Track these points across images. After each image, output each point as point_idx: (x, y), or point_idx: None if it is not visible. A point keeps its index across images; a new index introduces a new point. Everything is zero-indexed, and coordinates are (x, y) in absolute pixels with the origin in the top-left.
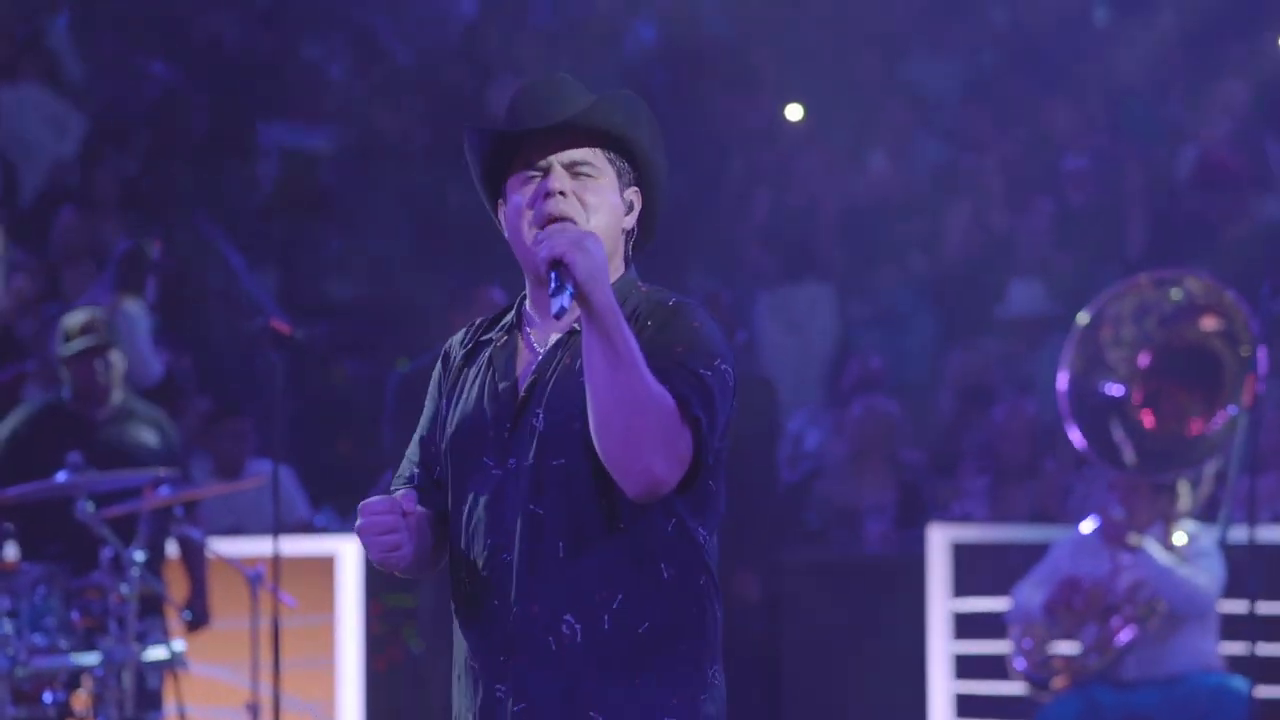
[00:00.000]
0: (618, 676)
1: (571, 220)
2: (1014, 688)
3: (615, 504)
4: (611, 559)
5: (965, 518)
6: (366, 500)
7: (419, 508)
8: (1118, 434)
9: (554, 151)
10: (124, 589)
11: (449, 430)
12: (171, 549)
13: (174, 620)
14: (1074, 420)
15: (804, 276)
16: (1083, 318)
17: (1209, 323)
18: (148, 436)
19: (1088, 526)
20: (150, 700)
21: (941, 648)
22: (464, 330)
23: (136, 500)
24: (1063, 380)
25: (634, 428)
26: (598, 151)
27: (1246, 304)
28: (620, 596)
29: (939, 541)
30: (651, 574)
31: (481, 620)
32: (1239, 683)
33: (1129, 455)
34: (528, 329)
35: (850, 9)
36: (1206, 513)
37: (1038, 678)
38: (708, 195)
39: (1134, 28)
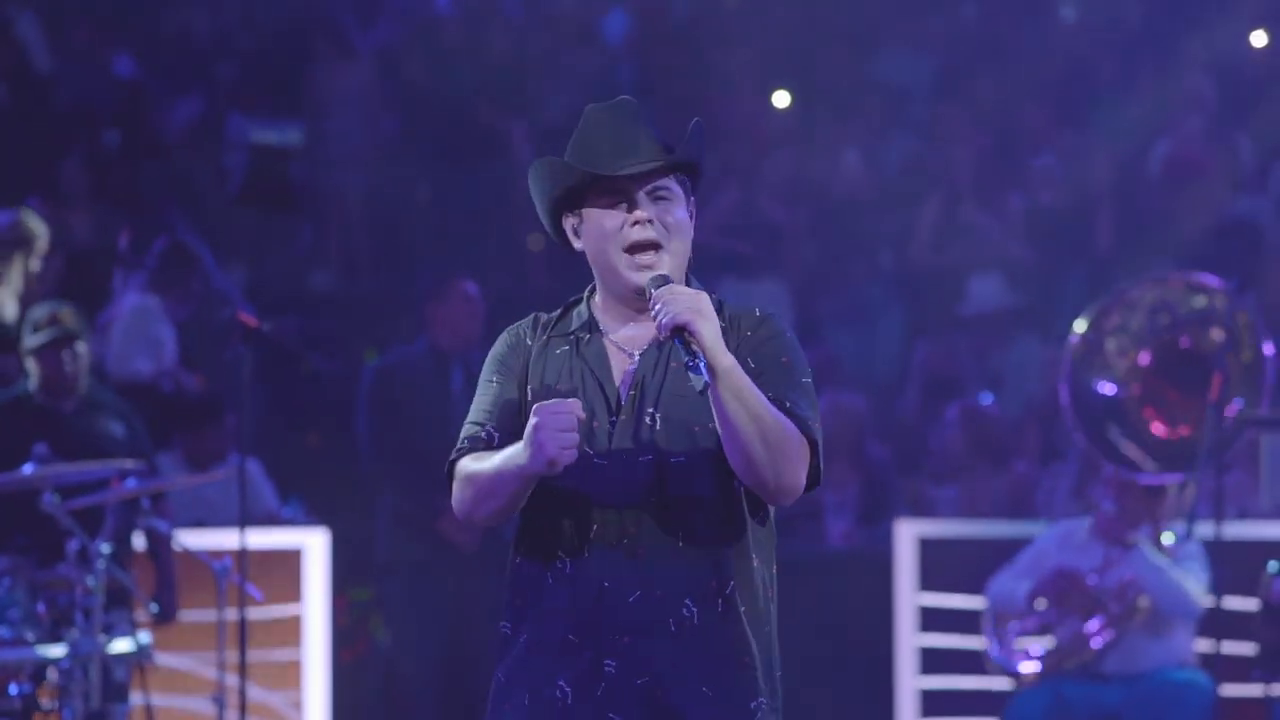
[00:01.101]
0: (727, 656)
1: (659, 244)
2: (981, 682)
3: (726, 498)
4: (723, 550)
5: (931, 513)
6: (543, 403)
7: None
8: (1117, 434)
9: (637, 180)
10: (90, 581)
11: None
12: (138, 541)
13: (141, 613)
14: (1078, 420)
15: (762, 273)
16: (1078, 324)
17: (1217, 335)
18: (115, 428)
19: (1077, 521)
20: (117, 692)
21: (909, 642)
22: (529, 322)
23: (103, 492)
24: (1064, 389)
25: (774, 460)
26: (672, 176)
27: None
28: (732, 584)
29: (906, 536)
30: (749, 564)
31: (589, 599)
32: (1205, 678)
33: (1135, 455)
34: (609, 333)
35: (821, 4)
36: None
37: (1013, 668)
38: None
39: (1101, 23)
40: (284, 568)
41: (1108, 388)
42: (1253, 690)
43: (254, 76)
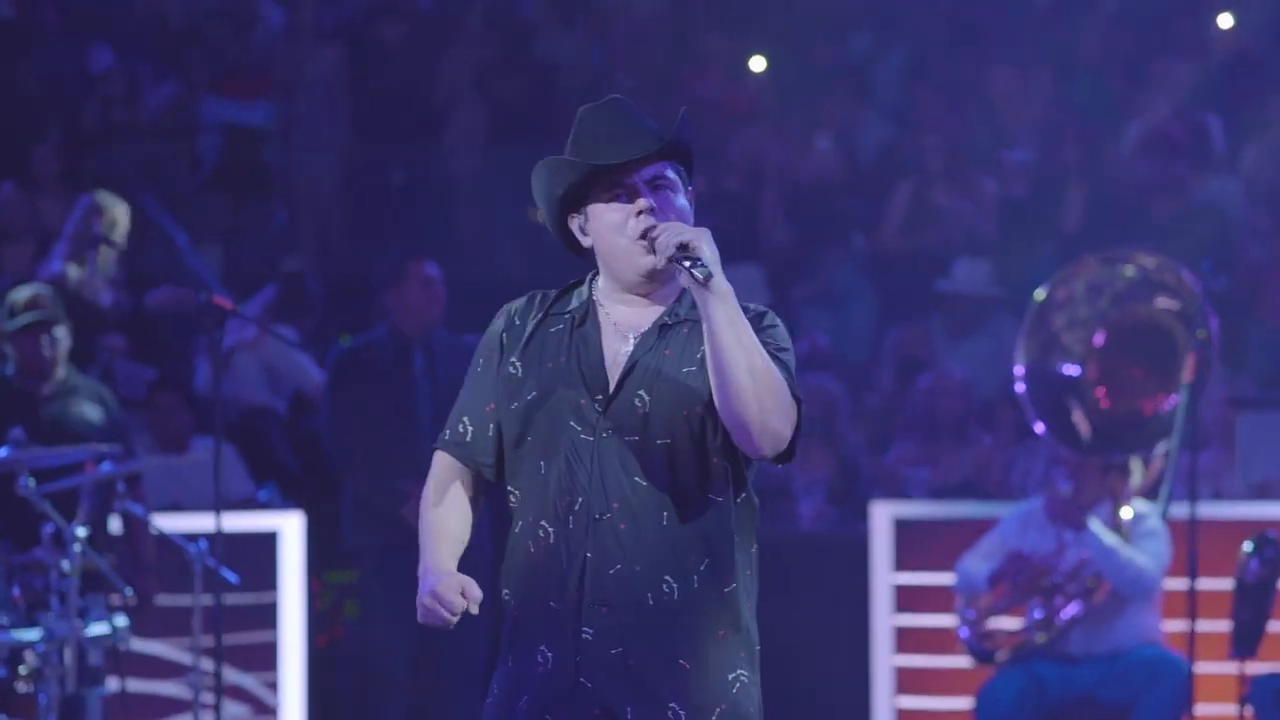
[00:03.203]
0: (705, 630)
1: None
2: (956, 661)
3: (710, 479)
4: (704, 527)
5: (905, 494)
6: (440, 586)
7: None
8: (1076, 414)
9: (635, 171)
10: (65, 565)
11: (531, 391)
12: (114, 525)
13: (116, 596)
14: (1033, 406)
15: (739, 259)
16: (1038, 295)
17: (1164, 301)
18: (91, 412)
19: (1038, 501)
20: (92, 676)
21: (884, 622)
22: (524, 300)
23: (78, 476)
24: (1019, 370)
25: (762, 395)
26: (668, 164)
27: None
28: (708, 561)
29: (882, 517)
30: (730, 542)
31: (572, 570)
32: (1178, 656)
33: (1085, 435)
34: (607, 315)
35: None
36: (1154, 490)
37: (981, 649)
38: None
39: (1077, 6)
40: (259, 551)
41: (1070, 369)
42: (1228, 669)
43: (226, 59)
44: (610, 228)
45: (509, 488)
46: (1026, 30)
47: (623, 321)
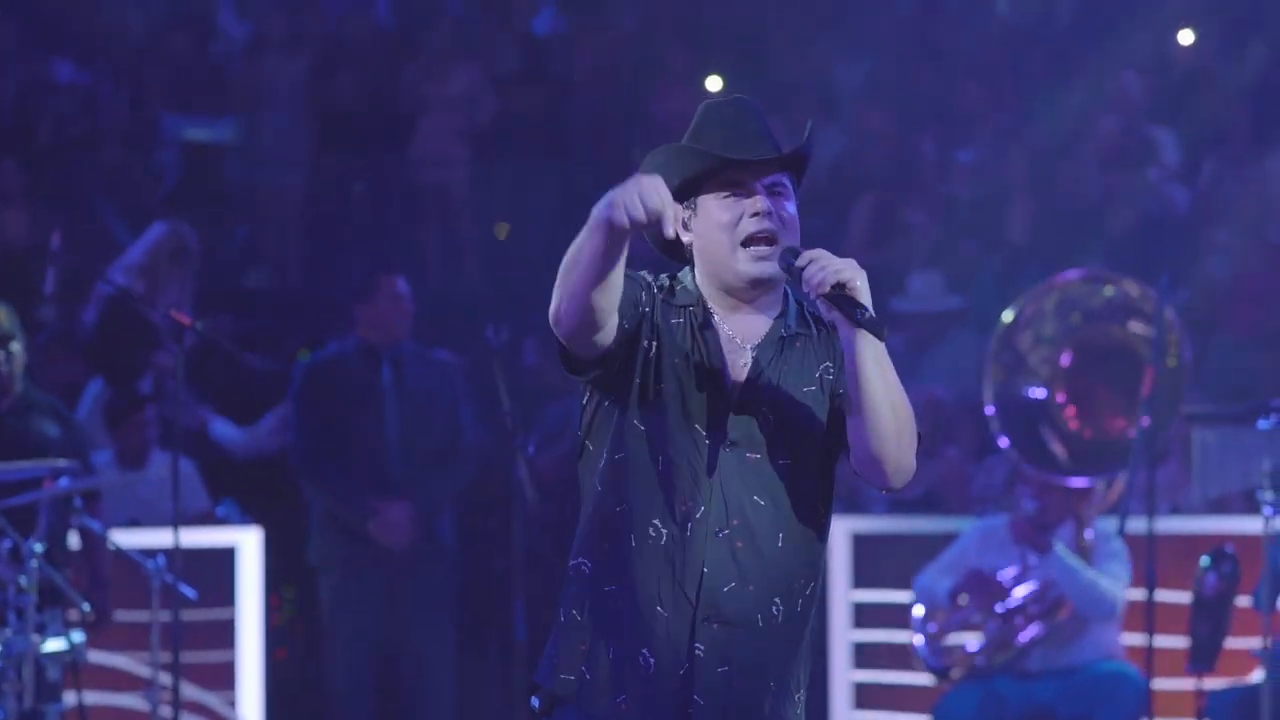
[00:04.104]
0: (793, 653)
1: (776, 238)
2: (914, 678)
3: (823, 502)
4: (814, 551)
5: (862, 509)
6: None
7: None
8: (1048, 436)
9: (757, 173)
10: (23, 580)
11: (664, 377)
12: (72, 540)
13: (74, 612)
14: (1002, 429)
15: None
16: (1006, 317)
17: (1137, 326)
18: (49, 428)
19: (999, 519)
20: (50, 692)
21: (842, 637)
22: (648, 272)
23: (36, 491)
24: (987, 392)
25: (901, 432)
26: (785, 173)
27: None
28: (813, 585)
29: (840, 533)
30: (824, 567)
31: (687, 580)
32: (1136, 671)
33: (1061, 457)
34: (720, 321)
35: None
36: (1116, 506)
37: (938, 665)
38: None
39: (1035, 18)
40: (217, 567)
41: (1037, 392)
42: (1185, 684)
43: (187, 74)
44: (720, 226)
45: (604, 451)
46: (987, 44)
47: (736, 330)
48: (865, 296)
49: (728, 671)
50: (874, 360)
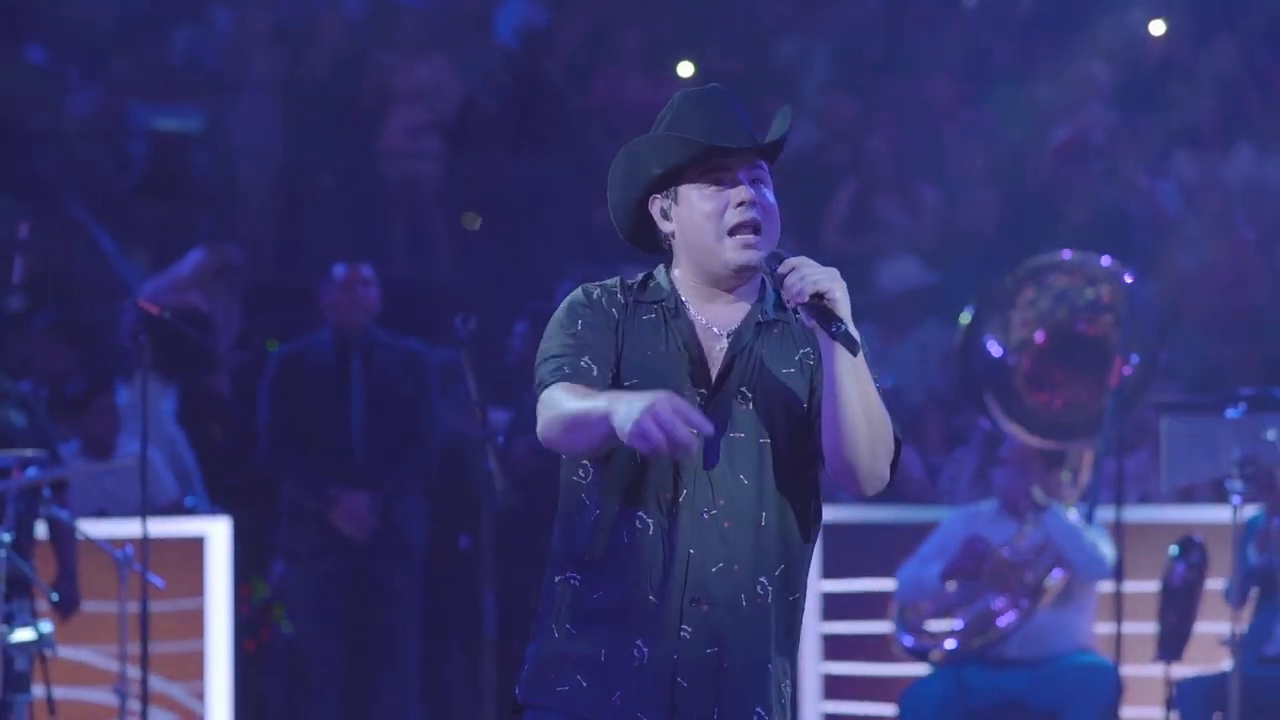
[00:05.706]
0: (781, 632)
1: (760, 226)
2: (882, 669)
3: (803, 483)
4: (793, 532)
5: (832, 499)
6: (674, 397)
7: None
8: (987, 396)
9: (740, 162)
10: None
11: (633, 378)
12: (40, 530)
13: (42, 602)
14: (965, 376)
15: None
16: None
17: (1108, 321)
18: (15, 417)
19: (983, 503)
20: (17, 683)
21: (811, 628)
22: (614, 281)
23: (3, 481)
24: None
25: (875, 442)
26: (763, 161)
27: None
28: (799, 565)
29: None
30: (812, 547)
31: (675, 564)
32: (1107, 661)
33: (1004, 421)
34: (696, 313)
35: None
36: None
37: (919, 648)
38: (580, 179)
39: (1001, 8)
40: (186, 557)
41: (996, 349)
42: (1154, 672)
43: (154, 64)
44: (705, 215)
45: (585, 466)
46: (952, 34)
47: (712, 318)
48: (844, 308)
49: (717, 653)
50: (849, 371)
